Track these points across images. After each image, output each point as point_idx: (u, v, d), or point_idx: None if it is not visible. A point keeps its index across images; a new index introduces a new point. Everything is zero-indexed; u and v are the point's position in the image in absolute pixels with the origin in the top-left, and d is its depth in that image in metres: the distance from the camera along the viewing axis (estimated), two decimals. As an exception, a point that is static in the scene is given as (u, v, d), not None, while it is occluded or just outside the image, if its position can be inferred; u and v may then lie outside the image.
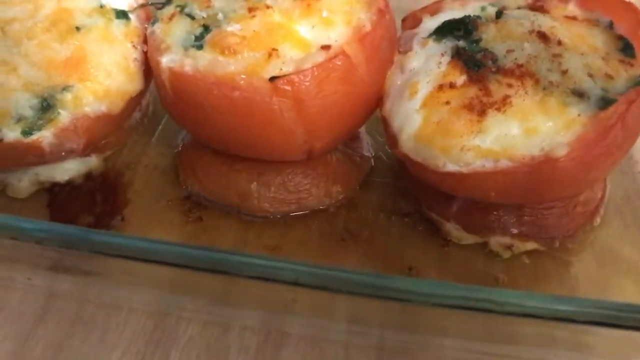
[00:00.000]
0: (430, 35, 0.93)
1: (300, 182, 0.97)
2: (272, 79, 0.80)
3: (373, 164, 1.06)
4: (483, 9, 0.97)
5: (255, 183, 0.96)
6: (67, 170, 0.98)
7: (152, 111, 1.12)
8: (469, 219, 0.94)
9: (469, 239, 0.95)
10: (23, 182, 0.96)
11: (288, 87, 0.80)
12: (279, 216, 0.97)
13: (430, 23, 0.98)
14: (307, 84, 0.81)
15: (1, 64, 0.83)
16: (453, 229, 0.95)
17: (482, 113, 0.81)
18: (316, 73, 0.81)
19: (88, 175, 1.00)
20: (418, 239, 0.95)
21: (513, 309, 0.66)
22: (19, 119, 0.83)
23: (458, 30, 0.92)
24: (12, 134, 0.83)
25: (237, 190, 0.96)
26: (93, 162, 1.00)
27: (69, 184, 0.99)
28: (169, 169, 1.04)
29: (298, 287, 0.66)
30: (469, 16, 0.92)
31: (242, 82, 0.81)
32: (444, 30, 0.92)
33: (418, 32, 0.97)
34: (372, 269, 0.91)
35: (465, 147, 0.81)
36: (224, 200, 0.97)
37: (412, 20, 1.01)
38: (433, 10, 1.01)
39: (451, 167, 0.82)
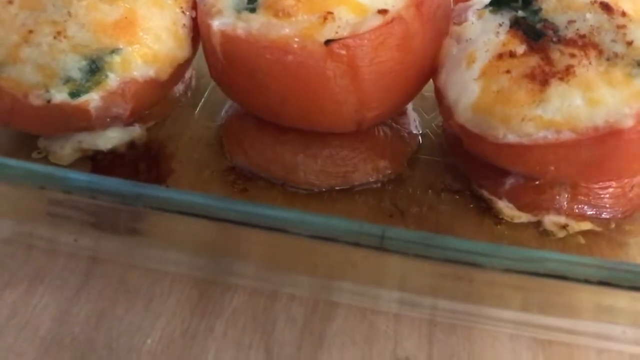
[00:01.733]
0: (487, 6, 0.90)
1: (348, 156, 0.94)
2: (327, 42, 0.77)
3: (421, 141, 1.02)
4: (540, -18, 0.93)
5: (301, 155, 0.94)
6: (110, 138, 0.97)
7: (195, 85, 1.10)
8: (522, 196, 0.91)
9: (522, 217, 0.92)
10: (66, 149, 0.95)
11: (343, 52, 0.78)
12: (324, 189, 0.95)
13: (485, -5, 0.95)
14: (363, 48, 0.78)
15: (50, 25, 0.81)
16: (505, 207, 0.92)
17: (544, 82, 0.78)
18: (372, 37, 0.78)
19: (131, 145, 0.98)
20: (469, 217, 0.92)
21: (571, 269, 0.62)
22: (67, 81, 0.82)
23: (515, 1, 0.88)
24: (60, 95, 0.82)
25: (283, 162, 0.94)
26: (136, 131, 0.99)
27: (112, 152, 0.97)
28: (213, 141, 1.02)
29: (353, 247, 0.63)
30: (528, -13, 0.89)
31: (296, 45, 0.78)
32: (501, 2, 0.89)
33: (472, 4, 0.94)
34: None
35: (527, 117, 0.77)
36: (270, 172, 0.95)
37: (465, -7, 0.98)
38: (487, -18, 0.98)
39: (511, 138, 0.79)
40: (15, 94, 0.81)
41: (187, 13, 0.90)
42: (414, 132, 1.03)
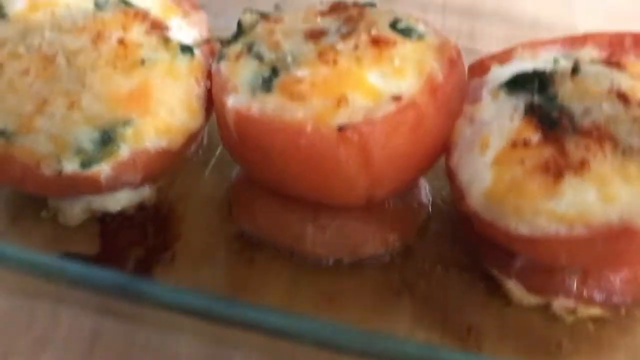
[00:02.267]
0: (502, 86, 0.89)
1: (357, 228, 0.94)
2: (341, 127, 0.77)
3: (430, 210, 1.02)
4: (556, 61, 0.93)
5: (310, 225, 0.93)
6: (120, 199, 0.96)
7: (206, 142, 1.10)
8: (531, 278, 0.90)
9: (531, 299, 0.91)
10: (75, 210, 0.95)
11: (356, 137, 0.78)
12: (331, 262, 0.94)
13: (500, 72, 0.95)
14: (375, 134, 0.78)
15: (64, 95, 0.82)
16: (515, 288, 0.91)
17: (558, 175, 0.77)
18: (385, 124, 0.78)
19: (141, 206, 0.98)
20: (478, 296, 0.91)
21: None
22: (79, 151, 0.82)
23: (531, 83, 0.88)
24: (71, 166, 0.82)
25: (291, 231, 0.94)
26: (146, 192, 0.98)
27: (121, 214, 0.97)
28: (222, 203, 1.02)
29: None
30: (544, 71, 0.88)
31: (310, 129, 0.78)
32: (517, 83, 0.89)
33: (487, 81, 0.94)
34: (429, 327, 0.87)
35: (539, 210, 0.77)
36: (277, 241, 0.94)
37: (479, 68, 0.98)
38: (502, 58, 0.98)
39: (523, 230, 0.78)
40: (27, 163, 0.81)
41: (202, 83, 0.90)
42: (424, 201, 1.02)
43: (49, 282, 0.71)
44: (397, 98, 0.79)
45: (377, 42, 0.83)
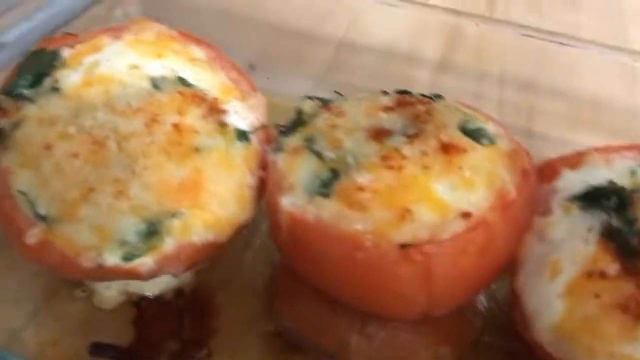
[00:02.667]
0: (574, 199, 0.83)
1: (406, 340, 0.87)
2: (404, 246, 0.71)
3: (485, 318, 0.95)
4: (633, 173, 0.86)
5: (356, 334, 0.87)
6: (158, 283, 0.92)
7: (251, 224, 1.05)
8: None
9: None
10: (111, 292, 0.91)
11: (419, 257, 0.72)
12: (377, 374, 0.87)
13: (571, 179, 0.89)
14: (442, 255, 0.72)
15: (112, 183, 0.77)
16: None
17: (638, 317, 0.70)
18: (453, 245, 0.72)
19: (179, 291, 0.93)
20: None
21: None
22: (122, 244, 0.77)
23: (607, 200, 0.81)
24: (112, 259, 0.77)
25: (335, 337, 0.88)
26: (186, 276, 0.94)
27: (158, 299, 0.92)
28: (263, 292, 0.96)
29: None
30: (622, 187, 0.82)
31: (369, 243, 0.73)
32: (592, 199, 0.82)
33: (557, 190, 0.88)
34: None
35: (615, 354, 0.70)
36: (320, 345, 0.88)
37: (548, 171, 0.92)
38: (573, 162, 0.91)
39: (595, 376, 0.70)
40: (67, 253, 0.77)
41: (256, 173, 0.85)
42: (479, 308, 0.95)
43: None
44: (466, 215, 0.73)
45: (447, 148, 0.77)
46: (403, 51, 1.54)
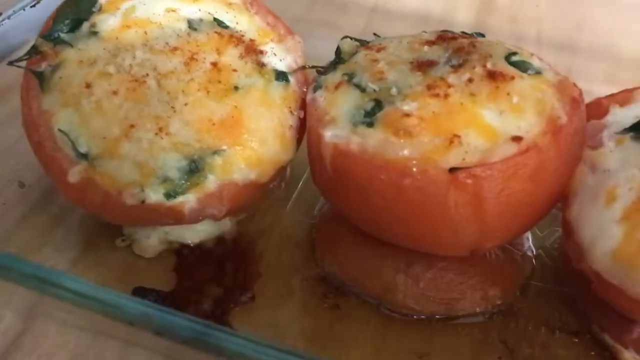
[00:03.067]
0: (626, 131, 0.80)
1: (454, 280, 0.85)
2: (453, 170, 0.69)
3: (534, 264, 0.92)
4: (684, 105, 0.82)
5: (402, 275, 0.85)
6: (199, 232, 0.91)
7: (289, 175, 1.03)
8: (653, 350, 0.79)
9: (652, 374, 0.80)
10: (151, 240, 0.90)
11: (469, 181, 0.70)
12: (423, 316, 0.85)
13: (621, 115, 0.86)
14: (492, 179, 0.70)
15: (153, 120, 0.77)
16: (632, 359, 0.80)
17: (701, 237, 0.67)
18: (504, 168, 0.70)
19: (220, 240, 0.92)
20: (589, 366, 0.81)
21: None
22: (164, 180, 0.76)
23: (661, 128, 0.78)
24: (155, 196, 0.76)
25: (380, 279, 0.86)
26: (226, 225, 0.92)
27: (199, 247, 0.91)
28: (304, 241, 0.95)
29: None
30: (676, 116, 0.79)
31: (416, 169, 0.70)
32: (644, 128, 0.79)
33: (607, 125, 0.85)
34: (534, 398, 0.77)
35: (679, 276, 0.66)
36: (365, 289, 0.86)
37: (596, 109, 0.89)
38: (622, 99, 0.88)
39: (657, 298, 0.67)
40: (109, 190, 0.76)
41: (295, 113, 0.83)
42: (528, 254, 0.93)
43: (120, 323, 0.65)
44: (517, 139, 0.70)
45: (493, 75, 0.75)
46: (436, 17, 1.52)
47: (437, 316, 0.85)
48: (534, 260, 0.92)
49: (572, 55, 1.43)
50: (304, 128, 0.85)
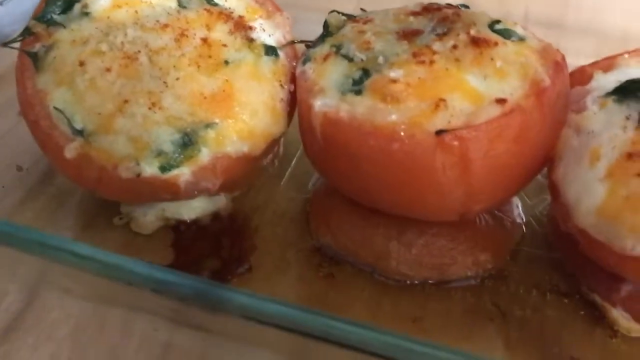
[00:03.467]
0: (609, 94, 0.82)
1: (445, 246, 0.87)
2: (439, 132, 0.71)
3: (524, 230, 0.94)
4: (669, 68, 0.84)
5: (394, 242, 0.87)
6: (195, 208, 0.92)
7: (282, 152, 1.05)
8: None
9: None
10: (149, 217, 0.91)
11: (455, 143, 0.71)
12: (416, 282, 0.87)
13: (605, 80, 0.87)
14: (477, 140, 0.72)
15: (146, 95, 0.78)
16: (621, 317, 0.82)
17: (682, 191, 0.69)
18: (489, 129, 0.72)
19: (215, 216, 0.94)
20: (579, 326, 0.83)
21: None
22: (158, 154, 0.78)
23: (643, 91, 0.80)
24: (150, 169, 0.78)
25: (373, 248, 0.87)
26: (221, 201, 0.94)
27: (195, 223, 0.93)
28: (298, 216, 0.97)
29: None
30: (659, 77, 0.80)
31: (403, 133, 0.72)
32: (627, 91, 0.81)
33: (591, 90, 0.86)
34: (526, 357, 0.79)
35: (661, 228, 0.68)
36: (358, 257, 0.88)
37: (580, 76, 0.90)
38: (605, 66, 0.90)
39: (641, 251, 0.69)
40: (105, 165, 0.78)
41: (286, 87, 0.85)
42: (517, 220, 0.95)
43: (125, 287, 0.67)
44: (501, 101, 0.72)
45: (477, 42, 0.77)
46: (425, -1, 1.53)
47: (430, 281, 0.87)
48: (523, 227, 0.94)
49: (560, 32, 1.44)
50: (295, 102, 0.86)
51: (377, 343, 0.57)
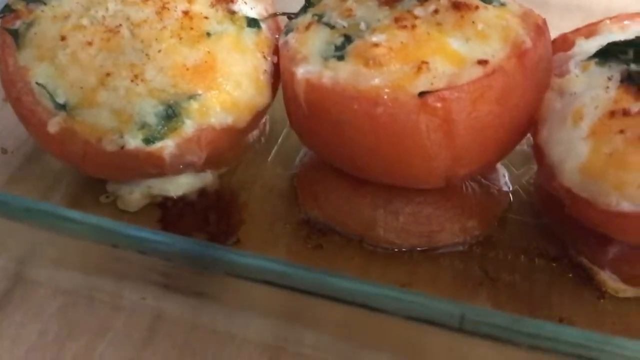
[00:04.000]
0: (591, 58, 0.82)
1: (433, 214, 0.87)
2: (422, 94, 0.71)
3: (511, 199, 0.94)
4: (649, 32, 0.85)
5: (381, 210, 0.87)
6: (181, 184, 0.92)
7: (268, 130, 1.05)
8: (627, 267, 0.82)
9: (627, 291, 0.82)
10: (134, 195, 0.91)
11: (438, 104, 0.71)
12: (405, 250, 0.87)
13: (587, 46, 0.88)
14: (460, 101, 0.72)
15: (128, 68, 0.78)
16: (608, 279, 0.83)
17: (664, 145, 0.69)
18: (471, 90, 0.72)
19: (202, 192, 0.94)
20: (567, 288, 0.84)
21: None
22: (142, 126, 0.78)
23: (625, 53, 0.80)
24: (134, 141, 0.78)
25: (361, 217, 0.88)
26: (208, 178, 0.94)
27: (182, 199, 0.92)
28: (286, 191, 0.97)
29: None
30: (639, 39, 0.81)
31: (387, 97, 0.72)
32: (609, 53, 0.81)
33: (573, 55, 0.87)
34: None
35: (644, 183, 0.68)
36: (346, 227, 0.88)
37: (563, 43, 0.91)
38: (587, 32, 0.90)
39: (625, 206, 0.70)
40: (89, 138, 0.78)
41: (269, 58, 0.85)
42: (504, 189, 0.95)
43: (113, 255, 0.66)
44: (483, 62, 0.72)
45: (458, 6, 0.77)
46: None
47: (418, 249, 0.87)
48: (510, 196, 0.94)
49: (545, 9, 1.44)
50: (279, 76, 0.86)
51: (369, 294, 0.57)
